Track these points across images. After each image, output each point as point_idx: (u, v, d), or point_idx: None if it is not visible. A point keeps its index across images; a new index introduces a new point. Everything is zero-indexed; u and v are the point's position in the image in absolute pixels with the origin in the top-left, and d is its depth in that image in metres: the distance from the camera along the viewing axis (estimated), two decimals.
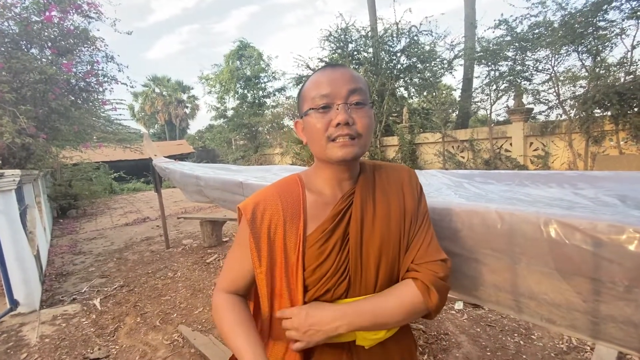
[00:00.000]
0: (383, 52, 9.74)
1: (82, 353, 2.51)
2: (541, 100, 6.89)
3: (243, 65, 15.36)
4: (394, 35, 9.60)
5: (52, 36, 4.96)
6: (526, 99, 7.13)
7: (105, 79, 5.69)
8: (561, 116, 6.56)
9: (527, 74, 6.95)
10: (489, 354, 2.18)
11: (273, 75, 15.52)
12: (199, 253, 4.80)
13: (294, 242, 0.72)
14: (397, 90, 10.65)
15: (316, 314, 0.69)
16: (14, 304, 3.04)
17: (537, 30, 6.39)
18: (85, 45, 5.34)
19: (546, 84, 6.73)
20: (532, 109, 7.09)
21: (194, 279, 3.86)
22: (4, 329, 2.86)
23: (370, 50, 10.07)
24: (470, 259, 0.96)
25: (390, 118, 10.39)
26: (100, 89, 5.87)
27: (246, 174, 2.71)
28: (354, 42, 10.16)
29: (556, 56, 6.36)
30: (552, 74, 6.51)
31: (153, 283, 3.84)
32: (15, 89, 4.07)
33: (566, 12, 6.07)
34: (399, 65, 9.92)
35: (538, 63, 6.71)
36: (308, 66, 10.56)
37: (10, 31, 4.54)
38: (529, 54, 6.71)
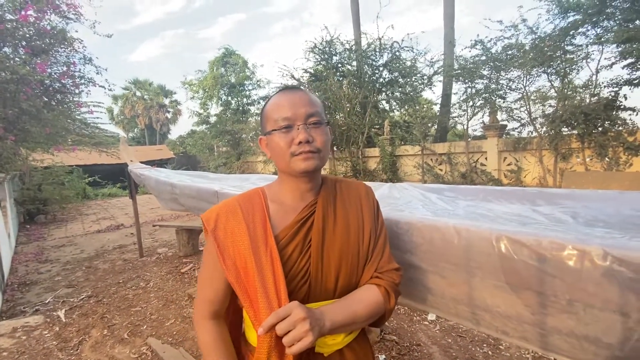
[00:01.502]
0: (366, 66, 9.97)
1: None
2: (514, 117, 7.22)
3: (228, 72, 15.31)
4: (377, 49, 9.86)
5: (27, 35, 4.81)
6: (500, 116, 7.46)
7: (82, 80, 5.54)
8: (532, 133, 6.89)
9: (501, 92, 7.28)
10: None
11: (258, 83, 15.55)
12: (173, 262, 4.67)
13: (262, 246, 0.75)
14: (380, 103, 10.90)
15: (308, 308, 0.68)
16: None
17: (510, 52, 6.74)
18: (62, 46, 5.20)
19: (518, 102, 7.07)
20: (506, 126, 7.42)
21: (167, 289, 3.75)
22: None
23: (354, 63, 10.29)
24: (430, 272, 0.99)
25: (373, 130, 10.58)
26: (76, 91, 5.71)
27: (223, 182, 2.69)
28: (338, 55, 10.36)
29: (527, 76, 6.71)
30: (524, 93, 6.85)
31: (123, 293, 3.70)
32: None
33: (536, 36, 6.45)
34: (381, 79, 10.17)
35: (511, 82, 7.05)
36: (293, 76, 10.65)
37: None
38: (502, 73, 7.04)
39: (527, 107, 6.86)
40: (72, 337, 2.79)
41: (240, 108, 15.55)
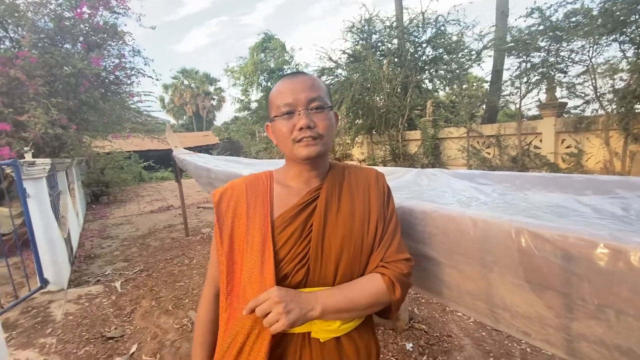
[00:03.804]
0: (408, 43, 9.45)
1: (100, 331, 2.69)
2: (576, 93, 6.42)
3: (267, 58, 15.46)
4: (420, 25, 9.28)
5: (84, 32, 5.22)
6: (560, 93, 6.68)
7: (133, 72, 5.93)
8: (598, 111, 6.11)
9: (561, 65, 6.49)
10: (492, 359, 2.11)
11: (296, 67, 15.50)
12: None
13: (258, 226, 0.77)
14: (422, 82, 10.34)
15: (291, 292, 0.71)
16: (44, 282, 3.30)
17: (573, 19, 5.93)
18: (114, 40, 5.58)
19: (582, 76, 6.26)
20: (566, 104, 6.64)
21: (208, 267, 4.00)
22: (34, 305, 3.12)
23: (395, 41, 9.81)
24: (445, 265, 0.93)
25: (414, 112, 10.11)
26: (128, 82, 6.13)
27: (254, 167, 2.76)
28: (377, 33, 9.94)
29: (594, 46, 5.89)
30: (589, 66, 6.05)
31: (170, 269, 4.02)
32: (49, 82, 4.34)
33: None
34: (424, 57, 9.61)
35: (574, 54, 6.24)
36: (330, 58, 10.46)
37: (46, 27, 4.83)
38: (564, 44, 6.24)
39: (593, 81, 6.06)
40: (126, 306, 3.11)
41: None
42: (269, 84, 15.69)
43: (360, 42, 10.14)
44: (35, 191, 3.27)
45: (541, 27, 6.45)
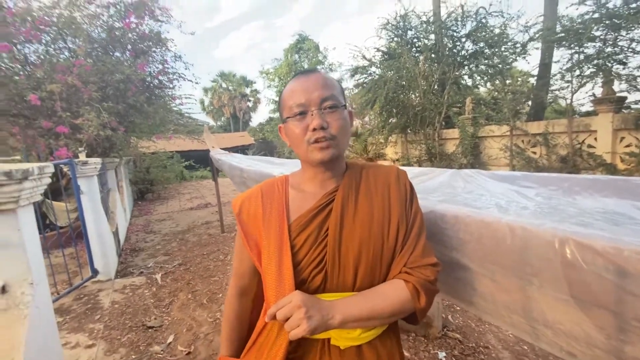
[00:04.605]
0: (446, 38, 9.07)
1: (142, 320, 2.86)
2: (638, 87, 5.79)
3: (301, 59, 15.66)
4: (459, 19, 8.87)
5: (132, 40, 5.60)
6: (618, 86, 6.06)
7: (174, 76, 6.26)
8: None
9: (620, 56, 5.89)
10: None
11: (330, 67, 15.54)
12: None
13: (274, 232, 0.77)
14: (462, 78, 9.88)
15: (312, 297, 0.69)
16: (94, 272, 3.58)
17: (634, 5, 5.35)
18: (157, 46, 5.92)
19: None
20: (625, 98, 6.00)
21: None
22: (85, 292, 3.39)
23: (432, 36, 9.46)
24: (479, 274, 0.87)
25: (453, 109, 9.68)
26: (171, 86, 6.48)
27: (286, 167, 2.79)
28: (413, 29, 9.65)
29: None
30: None
31: (206, 264, 4.19)
32: (101, 88, 4.70)
33: None
34: (463, 52, 9.17)
35: (635, 43, 5.63)
36: (364, 57, 10.33)
37: (99, 37, 5.24)
38: (623, 32, 5.66)
39: None
40: (165, 298, 3.29)
41: None
42: None
43: (395, 39, 9.91)
44: (87, 188, 3.55)
45: (596, 15, 5.90)
